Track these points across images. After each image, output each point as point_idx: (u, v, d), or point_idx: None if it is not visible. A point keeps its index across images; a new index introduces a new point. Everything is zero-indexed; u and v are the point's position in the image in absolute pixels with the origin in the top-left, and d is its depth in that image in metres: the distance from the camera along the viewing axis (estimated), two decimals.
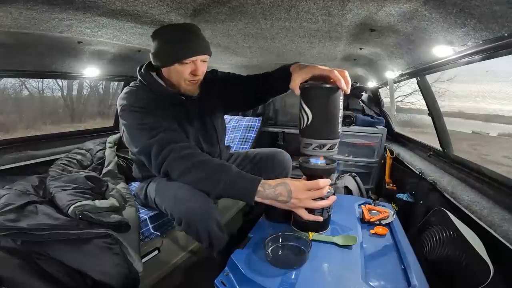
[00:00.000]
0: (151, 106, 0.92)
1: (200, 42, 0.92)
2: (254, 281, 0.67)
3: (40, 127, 3.60)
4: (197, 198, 0.82)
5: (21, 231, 0.79)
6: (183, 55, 0.88)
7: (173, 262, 1.17)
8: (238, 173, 0.82)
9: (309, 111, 0.76)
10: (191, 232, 0.85)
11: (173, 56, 0.89)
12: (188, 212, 0.81)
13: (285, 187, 0.77)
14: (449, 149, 1.36)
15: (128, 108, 0.91)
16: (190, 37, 0.90)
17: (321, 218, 0.83)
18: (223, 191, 0.81)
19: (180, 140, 0.88)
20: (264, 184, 0.79)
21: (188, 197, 0.82)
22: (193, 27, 0.93)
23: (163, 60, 0.92)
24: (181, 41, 0.88)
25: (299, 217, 0.82)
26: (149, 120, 0.89)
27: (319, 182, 0.77)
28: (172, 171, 0.85)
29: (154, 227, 1.07)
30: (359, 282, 0.68)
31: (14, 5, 0.89)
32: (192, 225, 0.82)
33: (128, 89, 0.98)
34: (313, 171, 0.83)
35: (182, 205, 0.82)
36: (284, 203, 0.78)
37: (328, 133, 0.78)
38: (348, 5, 0.93)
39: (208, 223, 0.84)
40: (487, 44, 0.80)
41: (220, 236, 0.88)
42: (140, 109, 0.90)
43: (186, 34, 0.89)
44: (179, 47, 0.88)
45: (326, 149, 0.78)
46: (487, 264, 0.74)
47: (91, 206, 0.91)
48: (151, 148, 0.86)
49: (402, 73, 1.51)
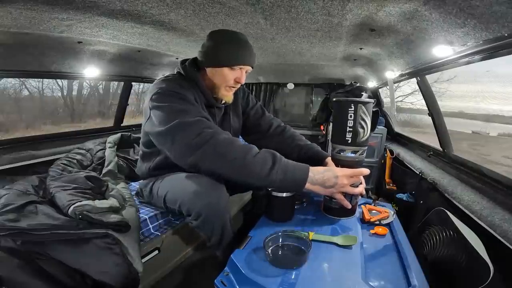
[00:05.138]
0: (189, 95, 0.90)
1: (252, 53, 0.96)
2: (254, 281, 0.67)
3: (40, 127, 3.60)
4: (218, 193, 0.84)
5: (21, 231, 0.79)
6: (237, 60, 0.92)
7: (173, 262, 1.17)
8: (288, 162, 0.82)
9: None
10: (206, 227, 0.86)
11: (228, 59, 0.91)
12: (210, 206, 0.83)
13: (332, 173, 0.83)
14: (449, 149, 1.36)
15: (166, 91, 0.87)
16: (246, 45, 0.93)
17: (350, 205, 0.92)
18: (275, 182, 0.79)
19: (221, 132, 0.83)
20: (313, 170, 0.82)
21: (209, 192, 0.83)
22: (246, 38, 0.95)
23: (215, 60, 0.93)
24: (238, 47, 0.92)
25: (335, 203, 0.94)
26: (188, 106, 0.86)
27: (362, 170, 0.87)
28: (209, 159, 0.78)
29: (154, 227, 1.07)
30: (359, 282, 0.68)
31: (14, 5, 0.89)
32: (210, 219, 0.84)
33: (166, 77, 0.95)
34: (349, 163, 0.96)
35: (204, 200, 0.83)
36: (329, 188, 0.83)
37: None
38: (348, 5, 0.93)
39: (225, 218, 0.87)
40: (487, 44, 0.80)
41: (230, 232, 0.91)
42: (178, 94, 0.87)
43: (242, 42, 0.93)
44: (235, 52, 0.91)
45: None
46: (487, 264, 0.74)
47: (91, 206, 0.91)
48: (188, 127, 0.80)
49: (402, 73, 1.51)
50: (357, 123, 0.94)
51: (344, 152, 0.98)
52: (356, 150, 0.97)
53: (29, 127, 3.37)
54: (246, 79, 1.00)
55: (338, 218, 1.02)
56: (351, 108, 0.93)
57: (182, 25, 1.25)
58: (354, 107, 0.93)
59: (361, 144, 0.96)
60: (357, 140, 0.95)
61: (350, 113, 0.93)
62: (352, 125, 0.94)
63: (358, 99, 0.94)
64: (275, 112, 3.05)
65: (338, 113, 1.00)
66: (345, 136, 0.96)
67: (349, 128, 0.95)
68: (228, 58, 0.91)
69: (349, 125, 0.94)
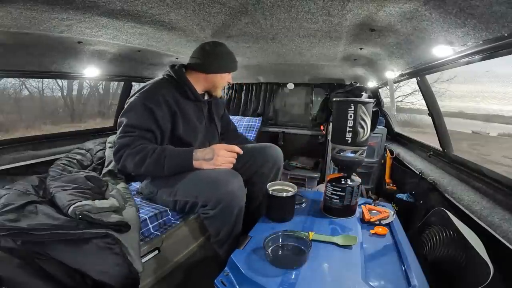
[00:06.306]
0: (160, 104, 1.06)
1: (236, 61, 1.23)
2: (254, 281, 0.67)
3: (40, 127, 3.60)
4: (238, 181, 0.98)
5: (21, 231, 0.79)
6: (232, 68, 1.20)
7: (173, 262, 1.17)
8: (175, 150, 1.01)
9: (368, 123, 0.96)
10: (223, 215, 0.96)
11: (226, 67, 1.18)
12: (232, 193, 0.95)
13: (210, 149, 1.03)
14: (449, 149, 1.36)
15: (140, 99, 1.05)
16: (234, 56, 1.21)
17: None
18: (170, 168, 0.99)
19: (137, 145, 1.01)
20: (196, 150, 1.02)
21: (231, 180, 0.96)
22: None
23: (213, 69, 1.15)
24: (231, 57, 1.19)
25: (335, 203, 1.01)
26: (137, 120, 1.03)
27: (234, 147, 1.05)
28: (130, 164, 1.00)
29: (154, 227, 1.07)
30: (359, 282, 0.68)
31: (14, 5, 0.89)
32: (230, 206, 0.95)
33: (156, 81, 1.13)
34: (348, 163, 1.01)
35: (227, 187, 0.94)
36: (210, 160, 1.01)
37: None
38: (348, 5, 0.93)
39: (242, 206, 1.00)
40: (487, 44, 0.80)
41: (240, 225, 1.02)
42: (143, 106, 1.04)
43: (231, 53, 1.20)
44: (230, 62, 1.19)
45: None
46: (487, 264, 0.74)
47: (91, 206, 0.91)
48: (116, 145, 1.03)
49: (402, 73, 1.51)
50: (357, 123, 0.94)
51: (344, 152, 0.98)
52: (356, 150, 0.97)
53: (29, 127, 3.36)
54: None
55: (338, 218, 1.02)
56: (351, 108, 0.94)
57: (182, 25, 1.25)
58: (354, 107, 0.93)
59: (361, 144, 0.97)
60: (357, 140, 0.95)
61: (350, 113, 0.94)
62: (352, 125, 0.94)
63: (358, 99, 0.94)
64: (275, 112, 3.04)
65: (338, 113, 1.00)
66: (345, 136, 0.96)
67: (349, 128, 0.95)
68: (227, 66, 1.18)
69: (349, 125, 0.95)
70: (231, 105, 3.09)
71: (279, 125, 3.03)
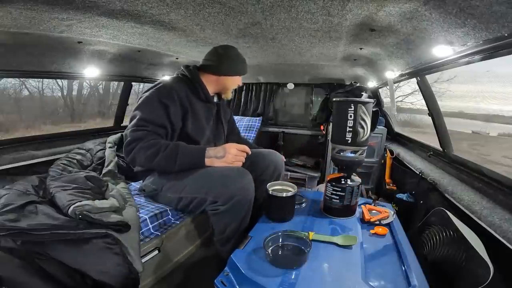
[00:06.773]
0: (173, 101, 1.08)
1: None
2: (254, 281, 0.67)
3: (40, 127, 3.60)
4: (249, 178, 1.02)
5: (21, 231, 0.79)
6: (243, 71, 1.25)
7: (173, 262, 1.17)
8: (188, 147, 1.03)
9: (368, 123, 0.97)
10: (234, 210, 0.99)
11: (237, 70, 1.22)
12: (244, 188, 0.99)
13: (221, 147, 1.05)
14: (449, 149, 1.36)
15: (155, 94, 1.07)
16: (244, 59, 1.25)
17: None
18: (183, 164, 1.01)
19: (150, 139, 1.02)
20: (209, 149, 1.05)
21: (243, 176, 1.00)
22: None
23: (226, 71, 1.20)
24: (242, 61, 1.23)
25: (335, 203, 1.01)
26: (152, 114, 1.04)
27: (245, 147, 1.08)
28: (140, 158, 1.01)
29: (154, 227, 1.07)
30: (359, 282, 0.68)
31: (14, 5, 0.89)
32: (242, 201, 0.98)
33: (171, 79, 1.17)
34: (348, 163, 1.02)
35: (240, 183, 0.98)
36: (221, 158, 1.03)
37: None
38: (348, 5, 0.93)
39: (252, 200, 1.03)
40: (487, 44, 0.80)
41: (247, 220, 1.05)
42: (159, 102, 1.05)
43: (242, 57, 1.24)
44: (242, 65, 1.23)
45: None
46: (487, 264, 0.74)
47: (91, 206, 0.91)
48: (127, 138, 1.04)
49: (402, 73, 1.51)
50: (357, 123, 0.94)
51: (344, 152, 0.98)
52: (356, 150, 0.97)
53: (29, 127, 3.37)
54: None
55: (338, 218, 1.02)
56: (351, 108, 0.94)
57: (182, 25, 1.25)
58: (354, 107, 0.93)
59: (361, 144, 0.96)
60: (357, 140, 0.95)
61: (350, 113, 0.94)
62: (352, 125, 0.94)
63: (358, 99, 0.94)
64: (275, 112, 3.04)
65: (338, 113, 1.00)
66: (345, 136, 0.96)
67: (349, 128, 0.95)
68: (239, 69, 1.23)
69: (349, 125, 0.95)
70: (231, 105, 3.09)
71: (279, 125, 3.03)
